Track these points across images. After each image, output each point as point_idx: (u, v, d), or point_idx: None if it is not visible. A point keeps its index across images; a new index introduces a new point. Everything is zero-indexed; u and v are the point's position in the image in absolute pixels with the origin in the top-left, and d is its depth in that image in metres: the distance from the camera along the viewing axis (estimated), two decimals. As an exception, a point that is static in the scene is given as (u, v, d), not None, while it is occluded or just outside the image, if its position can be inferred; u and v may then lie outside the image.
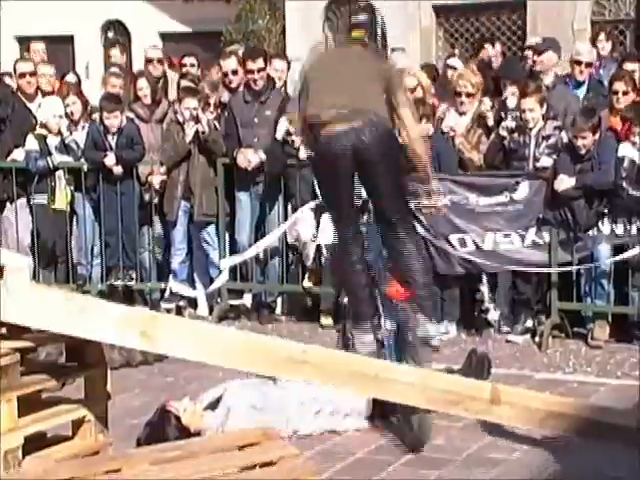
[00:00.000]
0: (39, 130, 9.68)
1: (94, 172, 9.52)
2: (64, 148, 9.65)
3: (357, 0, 6.60)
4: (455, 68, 9.83)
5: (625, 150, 8.04)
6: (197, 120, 9.15)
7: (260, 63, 9.19)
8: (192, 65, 10.71)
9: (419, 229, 6.84)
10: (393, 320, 6.19)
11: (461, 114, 8.61)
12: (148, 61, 10.70)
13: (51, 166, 9.51)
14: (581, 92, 9.26)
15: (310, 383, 5.22)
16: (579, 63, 9.31)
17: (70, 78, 11.07)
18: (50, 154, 9.54)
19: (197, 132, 9.16)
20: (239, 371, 4.44)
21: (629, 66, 8.96)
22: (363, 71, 6.04)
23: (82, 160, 9.61)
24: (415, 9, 15.70)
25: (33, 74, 10.25)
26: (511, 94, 8.65)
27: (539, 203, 8.20)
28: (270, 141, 9.06)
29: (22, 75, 10.18)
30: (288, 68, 9.90)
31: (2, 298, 4.12)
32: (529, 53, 9.89)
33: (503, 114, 8.53)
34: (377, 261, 6.31)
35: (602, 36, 10.10)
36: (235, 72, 9.57)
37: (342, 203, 6.09)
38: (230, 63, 9.67)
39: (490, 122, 8.54)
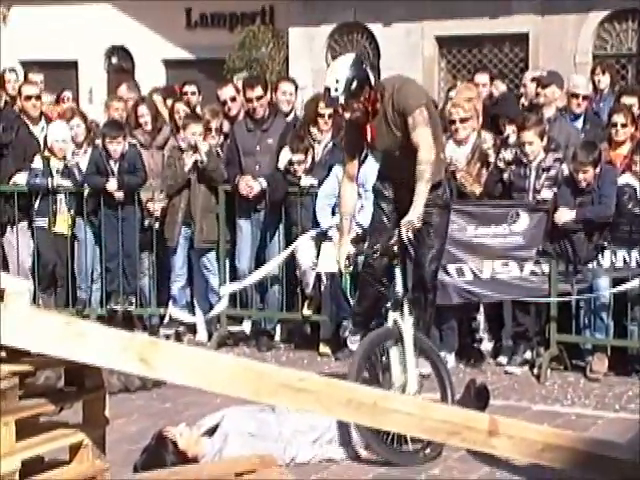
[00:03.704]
0: (46, 153, 9.74)
1: (95, 197, 9.56)
2: (66, 172, 9.69)
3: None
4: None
5: (626, 179, 8.15)
6: (195, 150, 9.19)
7: (259, 91, 9.21)
8: (193, 93, 10.73)
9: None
10: None
11: (459, 144, 8.58)
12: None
13: (50, 187, 9.56)
14: (578, 125, 9.31)
15: (308, 411, 5.21)
16: (576, 96, 9.37)
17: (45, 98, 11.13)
18: (52, 176, 9.59)
19: (196, 161, 9.20)
20: (237, 398, 4.42)
21: (627, 100, 9.01)
22: None
23: (84, 184, 9.65)
24: (418, 39, 15.81)
25: (38, 97, 10.30)
26: (512, 131, 8.68)
27: (538, 235, 8.23)
28: (272, 169, 9.10)
29: (28, 98, 10.21)
30: (296, 90, 9.92)
31: (2, 322, 4.11)
32: (532, 85, 9.90)
33: (503, 149, 8.55)
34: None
35: (598, 69, 10.15)
36: (233, 99, 9.63)
37: None
38: (227, 91, 9.73)
39: (491, 159, 8.52)
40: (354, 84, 6.19)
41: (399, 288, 6.49)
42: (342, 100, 6.22)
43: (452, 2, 15.08)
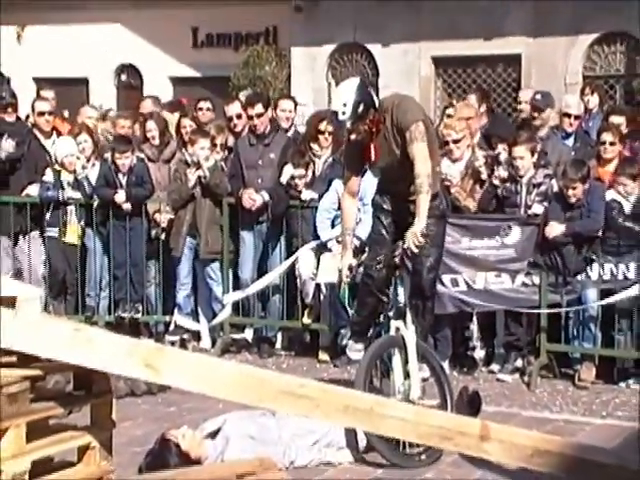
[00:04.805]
0: (56, 166, 9.93)
1: (104, 208, 9.75)
2: (77, 184, 9.88)
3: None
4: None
5: (612, 195, 8.32)
6: (198, 166, 9.39)
7: (259, 108, 9.38)
8: (208, 109, 10.79)
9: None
10: None
11: (454, 161, 8.71)
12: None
13: (60, 199, 9.77)
14: (569, 143, 9.47)
15: (307, 416, 5.29)
16: (568, 115, 9.53)
17: (91, 113, 11.36)
18: (63, 189, 9.79)
19: (199, 177, 9.40)
20: (239, 403, 4.53)
21: (615, 119, 9.16)
22: None
23: (93, 196, 9.84)
24: (415, 59, 15.94)
25: (51, 113, 10.51)
26: (503, 149, 8.81)
27: (529, 248, 8.38)
28: (273, 182, 9.26)
29: (41, 114, 10.42)
30: (295, 107, 10.14)
31: (14, 328, 4.15)
32: (526, 107, 10.09)
33: (495, 167, 8.68)
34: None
35: (588, 90, 10.32)
36: (239, 116, 9.80)
37: None
38: (234, 108, 9.91)
39: (484, 176, 8.64)
40: (361, 107, 6.34)
41: (401, 297, 6.64)
42: (350, 123, 6.40)
43: (448, 24, 15.22)
